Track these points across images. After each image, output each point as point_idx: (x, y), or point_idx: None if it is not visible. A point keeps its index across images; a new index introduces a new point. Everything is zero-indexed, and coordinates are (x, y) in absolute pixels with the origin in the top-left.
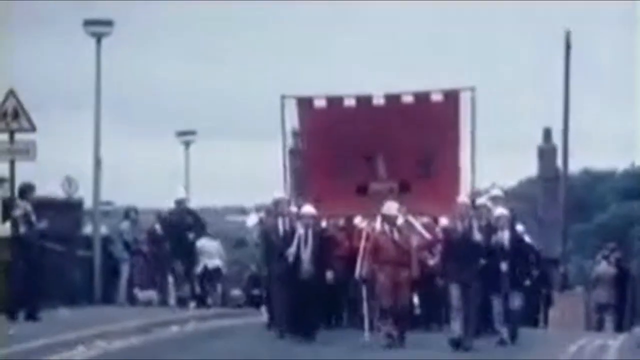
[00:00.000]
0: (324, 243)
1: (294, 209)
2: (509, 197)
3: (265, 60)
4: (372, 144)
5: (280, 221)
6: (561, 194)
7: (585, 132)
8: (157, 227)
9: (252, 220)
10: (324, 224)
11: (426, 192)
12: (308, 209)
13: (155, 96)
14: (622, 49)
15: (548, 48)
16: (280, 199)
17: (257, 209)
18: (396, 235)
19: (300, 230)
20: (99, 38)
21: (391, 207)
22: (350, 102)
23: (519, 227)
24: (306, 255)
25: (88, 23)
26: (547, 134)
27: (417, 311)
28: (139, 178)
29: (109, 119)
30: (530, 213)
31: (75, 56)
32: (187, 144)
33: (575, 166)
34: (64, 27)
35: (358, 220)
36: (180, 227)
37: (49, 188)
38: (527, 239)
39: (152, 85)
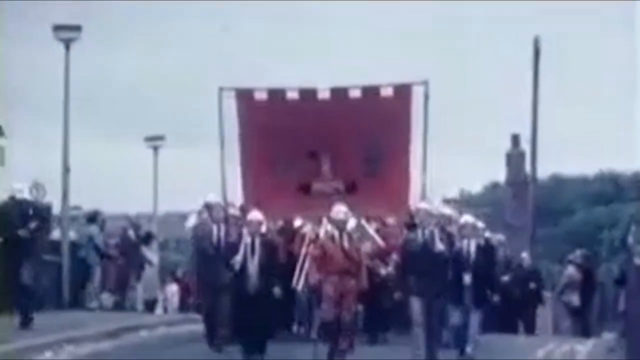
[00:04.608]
0: (271, 253)
1: (235, 211)
2: (475, 201)
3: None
4: (316, 140)
5: (214, 228)
6: (529, 199)
7: (554, 138)
8: (130, 232)
9: (190, 222)
10: (263, 228)
11: (373, 192)
12: (255, 215)
13: (123, 101)
14: (591, 54)
15: (517, 53)
16: (213, 203)
17: (200, 212)
18: (345, 242)
19: (247, 239)
20: (67, 43)
21: (340, 211)
22: (293, 95)
23: (486, 233)
24: (253, 266)
25: (57, 28)
26: (515, 139)
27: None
28: (107, 183)
29: (78, 122)
30: (497, 218)
31: (43, 61)
32: (155, 149)
33: (543, 172)
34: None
35: (299, 223)
36: (16, 221)
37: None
38: (495, 238)
39: (121, 89)
